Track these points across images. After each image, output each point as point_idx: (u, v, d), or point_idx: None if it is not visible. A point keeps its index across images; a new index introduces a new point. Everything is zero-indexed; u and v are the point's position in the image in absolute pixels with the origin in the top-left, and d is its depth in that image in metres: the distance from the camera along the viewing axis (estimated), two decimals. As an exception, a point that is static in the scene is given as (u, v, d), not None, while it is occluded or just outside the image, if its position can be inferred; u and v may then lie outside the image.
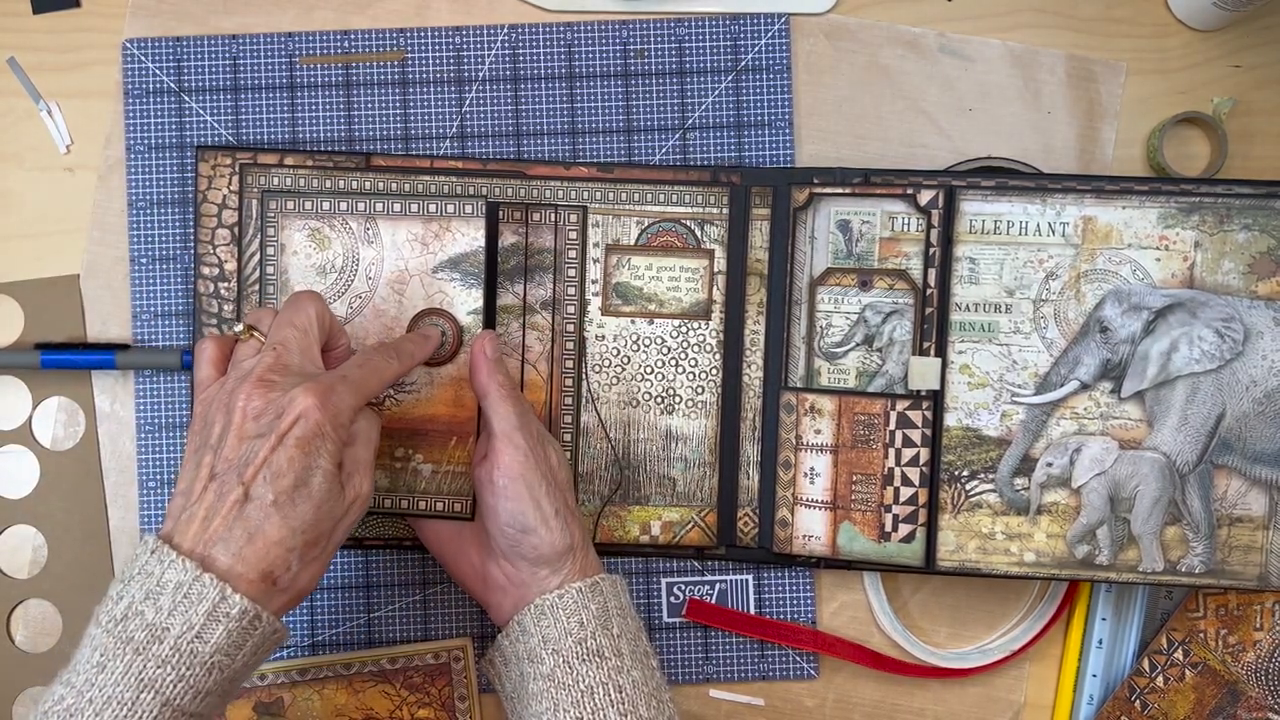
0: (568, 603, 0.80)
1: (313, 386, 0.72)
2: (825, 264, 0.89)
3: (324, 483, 0.72)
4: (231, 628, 0.68)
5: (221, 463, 0.71)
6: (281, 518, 0.70)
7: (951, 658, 0.94)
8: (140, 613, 0.68)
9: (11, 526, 0.93)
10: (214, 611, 0.68)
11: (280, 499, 0.70)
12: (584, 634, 0.79)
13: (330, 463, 0.72)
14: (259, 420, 0.71)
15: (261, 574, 0.69)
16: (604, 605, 0.81)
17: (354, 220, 0.88)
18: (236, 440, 0.71)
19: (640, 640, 0.82)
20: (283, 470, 0.70)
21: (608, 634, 0.80)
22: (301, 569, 0.71)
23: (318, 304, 0.78)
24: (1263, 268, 0.86)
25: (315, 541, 0.72)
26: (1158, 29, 0.96)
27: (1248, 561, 0.87)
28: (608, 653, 0.79)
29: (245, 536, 0.69)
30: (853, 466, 0.88)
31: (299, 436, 0.71)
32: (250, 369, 0.74)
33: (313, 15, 0.94)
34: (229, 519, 0.70)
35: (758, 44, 0.94)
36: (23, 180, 0.93)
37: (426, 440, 0.87)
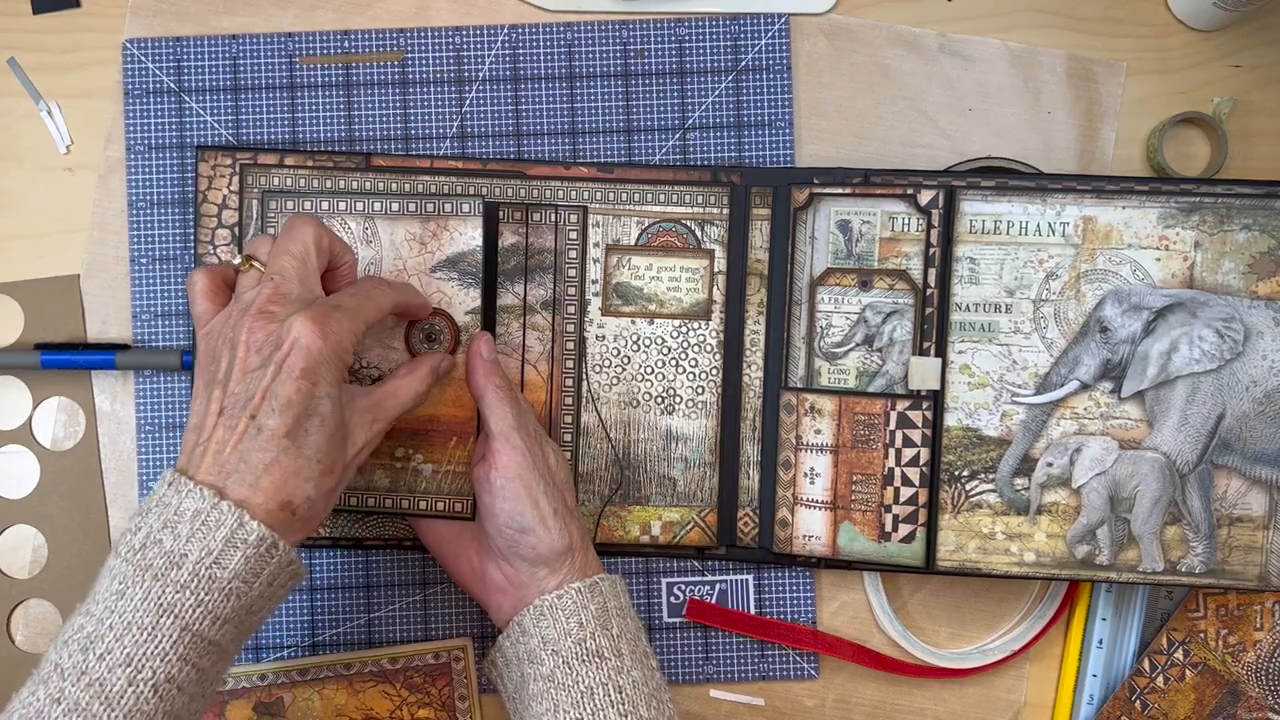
0: (566, 603, 0.80)
1: (309, 314, 0.72)
2: (825, 264, 0.89)
3: (332, 410, 0.72)
4: (249, 554, 0.69)
5: (229, 397, 0.71)
6: (296, 447, 0.70)
7: (951, 658, 0.94)
8: (159, 540, 0.69)
9: (11, 526, 0.93)
10: (231, 538, 0.68)
11: (293, 429, 0.70)
12: (583, 634, 0.79)
13: (335, 390, 0.72)
14: (260, 352, 0.71)
15: (280, 504, 0.70)
16: (603, 605, 0.81)
17: (353, 220, 0.88)
18: (241, 374, 0.71)
19: (640, 640, 0.82)
20: (291, 400, 0.70)
21: (607, 634, 0.80)
22: (319, 497, 0.72)
23: (315, 228, 0.77)
24: (1263, 268, 0.86)
25: (331, 469, 0.73)
26: (1158, 29, 0.96)
27: (1248, 561, 0.87)
28: (607, 653, 0.79)
29: (261, 467, 0.70)
30: (853, 466, 0.88)
31: (301, 366, 0.71)
32: (250, 301, 0.74)
33: (313, 15, 0.94)
34: (241, 451, 0.70)
35: (758, 44, 0.94)
36: (23, 180, 0.93)
37: (427, 440, 0.86)
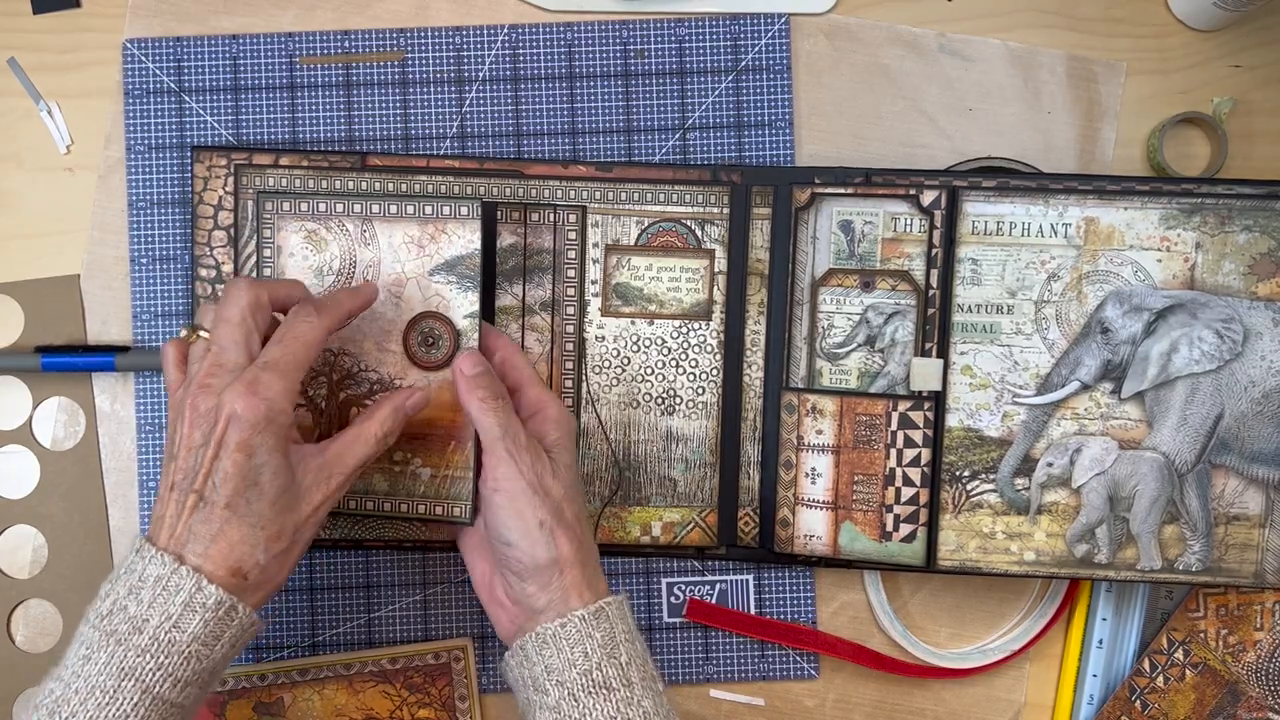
0: (570, 632, 0.77)
1: (239, 385, 0.73)
2: (827, 264, 0.89)
3: (273, 479, 0.74)
4: (208, 618, 0.71)
5: (177, 473, 0.74)
6: (239, 517, 0.73)
7: (951, 658, 0.94)
8: (124, 607, 0.71)
9: (11, 526, 0.93)
10: (190, 602, 0.71)
11: (233, 500, 0.73)
12: (589, 665, 0.76)
13: (275, 456, 0.74)
14: (200, 428, 0.74)
15: (230, 570, 0.73)
16: (610, 632, 0.78)
17: (350, 222, 0.87)
18: (185, 450, 0.74)
19: (648, 664, 0.79)
20: (229, 474, 0.72)
21: (615, 663, 0.77)
22: (270, 562, 0.74)
23: (249, 290, 0.77)
24: (1263, 269, 0.86)
25: (279, 534, 0.74)
26: (1158, 29, 0.96)
27: (1244, 559, 0.87)
28: (615, 683, 0.76)
29: (209, 537, 0.73)
30: (854, 467, 0.88)
31: (236, 440, 0.73)
32: (194, 374, 0.76)
33: (313, 15, 0.94)
34: (190, 524, 0.73)
35: (758, 44, 0.94)
36: (23, 180, 0.93)
37: (425, 445, 0.86)
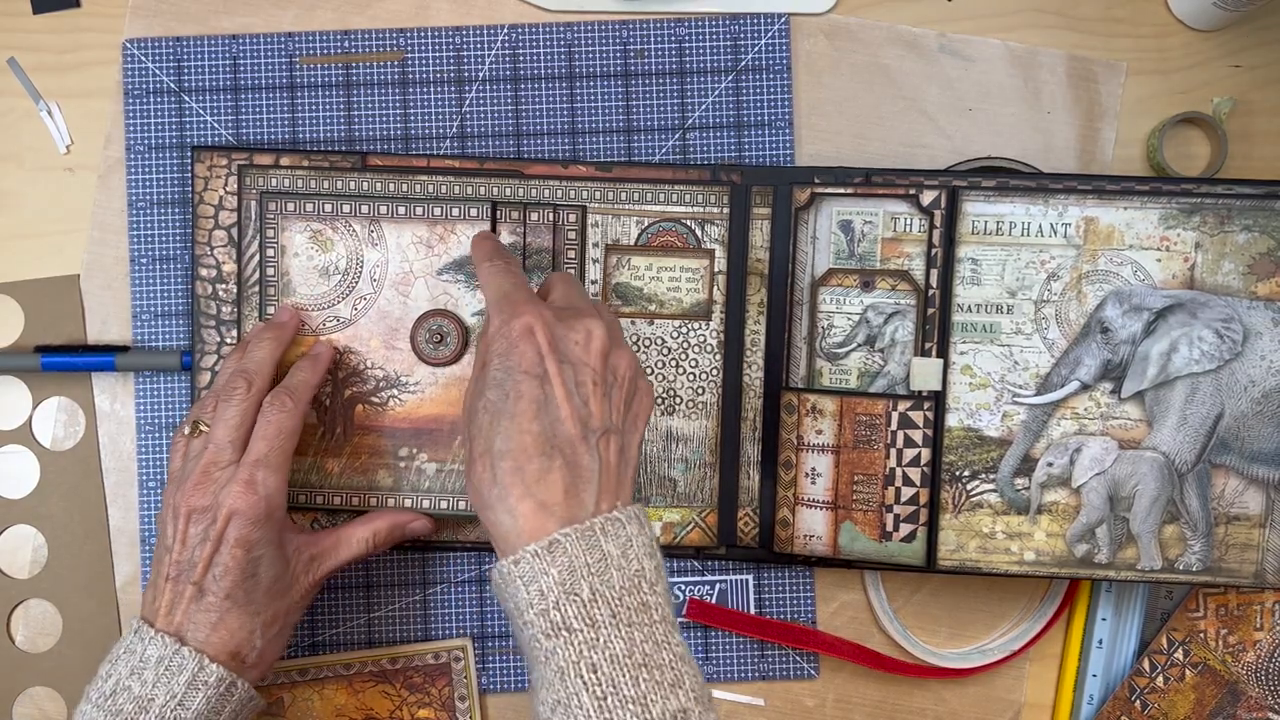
0: (524, 569, 0.69)
1: (236, 485, 0.78)
2: (827, 264, 0.89)
3: (269, 569, 0.79)
4: (210, 694, 0.75)
5: (174, 565, 0.78)
6: (237, 608, 0.78)
7: (951, 658, 0.94)
8: (128, 687, 0.75)
9: (11, 526, 0.93)
10: (194, 680, 0.75)
11: (232, 592, 0.78)
12: (545, 605, 0.68)
13: (272, 548, 0.79)
14: (198, 525, 0.78)
15: (230, 654, 0.78)
16: (570, 566, 0.68)
17: (357, 223, 0.88)
18: (182, 545, 0.78)
19: (633, 595, 0.69)
20: (228, 568, 0.77)
21: (576, 601, 0.68)
22: (265, 645, 0.80)
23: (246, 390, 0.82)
24: (1262, 268, 0.86)
25: (273, 620, 0.80)
26: (1158, 29, 0.96)
27: (1244, 559, 0.87)
28: (577, 624, 0.68)
29: (209, 625, 0.77)
30: (854, 466, 0.88)
31: (235, 536, 0.78)
32: (189, 471, 0.80)
33: (313, 15, 0.94)
34: (190, 613, 0.78)
35: (758, 44, 0.94)
36: (23, 180, 0.93)
37: (431, 439, 0.87)
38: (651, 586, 0.70)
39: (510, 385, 0.73)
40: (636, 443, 0.77)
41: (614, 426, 0.74)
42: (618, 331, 0.78)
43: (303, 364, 0.86)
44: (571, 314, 0.76)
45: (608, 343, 0.75)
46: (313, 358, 0.87)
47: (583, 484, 0.72)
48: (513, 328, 0.73)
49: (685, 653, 0.69)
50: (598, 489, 0.72)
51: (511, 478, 0.71)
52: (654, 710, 0.66)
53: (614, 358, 0.75)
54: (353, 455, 0.89)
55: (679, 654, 0.69)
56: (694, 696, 0.67)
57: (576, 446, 0.72)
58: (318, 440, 0.89)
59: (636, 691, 0.66)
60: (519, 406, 0.72)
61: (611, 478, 0.73)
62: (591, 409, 0.73)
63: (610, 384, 0.75)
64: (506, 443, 0.72)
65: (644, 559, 0.71)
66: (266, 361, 0.84)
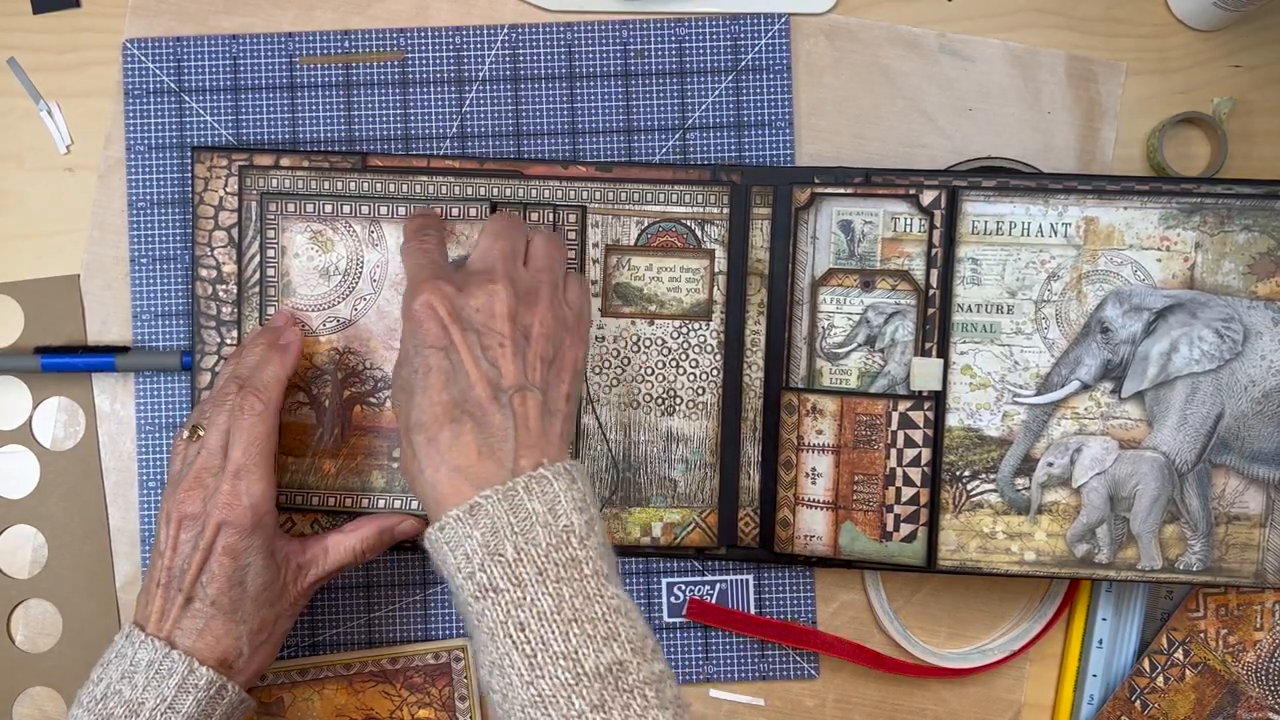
0: (449, 534, 0.69)
1: (222, 495, 0.79)
2: (827, 264, 0.89)
3: (257, 577, 0.80)
4: (200, 697, 0.76)
5: (165, 572, 0.79)
6: (224, 615, 0.79)
7: (951, 658, 0.94)
8: (118, 691, 0.76)
9: (11, 526, 0.93)
10: (184, 684, 0.76)
11: (219, 599, 0.78)
12: (471, 568, 0.68)
13: (260, 556, 0.80)
14: (188, 533, 0.79)
15: (218, 660, 0.78)
16: (492, 527, 0.68)
17: (357, 223, 0.88)
18: (173, 552, 0.79)
19: (561, 551, 0.69)
20: (215, 575, 0.78)
21: (500, 561, 0.68)
22: (252, 652, 0.80)
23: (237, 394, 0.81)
24: (1262, 268, 0.87)
25: (260, 628, 0.81)
26: (1158, 29, 0.96)
27: (1244, 559, 0.87)
28: (503, 584, 0.67)
29: (196, 631, 0.78)
30: (854, 467, 0.88)
31: (224, 545, 0.78)
32: (180, 477, 0.80)
33: (313, 15, 0.94)
34: (178, 618, 0.78)
35: (758, 44, 0.94)
36: (23, 180, 0.93)
37: None
38: (582, 541, 0.69)
39: (419, 361, 0.74)
40: (564, 394, 0.77)
41: (529, 384, 0.74)
42: (538, 288, 0.78)
43: (270, 356, 0.84)
44: (477, 280, 0.76)
45: (513, 303, 0.75)
46: (280, 349, 0.85)
47: (497, 443, 0.72)
48: (415, 306, 0.75)
49: (622, 605, 0.69)
50: (515, 446, 0.72)
51: (427, 449, 0.72)
52: (587, 664, 0.66)
53: (524, 316, 0.76)
54: (349, 456, 0.89)
55: (613, 606, 0.68)
56: (631, 648, 0.67)
57: (486, 407, 0.72)
58: (315, 441, 0.89)
59: (567, 647, 0.66)
60: (429, 380, 0.73)
61: (532, 434, 0.72)
62: (501, 369, 0.74)
63: (521, 343, 0.75)
64: (420, 415, 0.73)
65: (573, 514, 0.70)
66: (258, 367, 0.83)
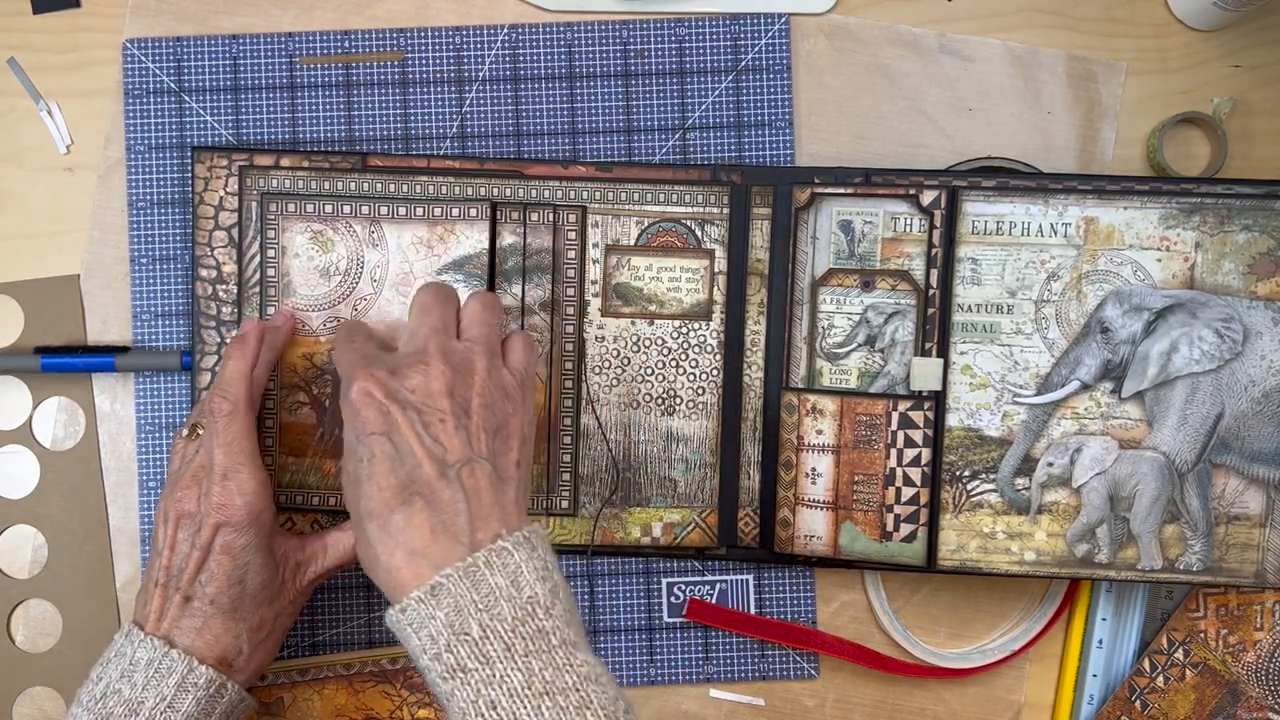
0: (411, 616, 0.68)
1: (215, 495, 0.79)
2: (827, 264, 0.89)
3: (256, 575, 0.80)
4: (200, 696, 0.76)
5: (163, 571, 0.79)
6: (223, 614, 0.79)
7: (951, 658, 0.94)
8: (118, 690, 0.76)
9: (11, 526, 0.93)
10: (183, 683, 0.76)
11: (218, 598, 0.79)
12: (437, 649, 0.67)
13: (258, 554, 0.80)
14: (186, 531, 0.79)
15: (217, 659, 0.78)
16: (456, 606, 0.67)
17: (358, 223, 0.88)
18: (171, 551, 0.79)
19: (527, 624, 0.68)
20: (214, 574, 0.79)
21: (466, 641, 0.67)
22: (252, 651, 0.80)
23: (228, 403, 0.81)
24: (1262, 268, 0.87)
25: (259, 626, 0.81)
26: (1158, 29, 0.96)
27: (1244, 559, 0.87)
28: (470, 663, 0.67)
29: (195, 630, 0.78)
30: (854, 467, 0.88)
31: (221, 544, 0.79)
32: (177, 476, 0.81)
33: (313, 15, 0.94)
34: (177, 617, 0.78)
35: (758, 44, 0.94)
36: (23, 180, 0.93)
37: None
38: (547, 611, 0.68)
39: (363, 449, 0.73)
40: (513, 461, 0.76)
41: (475, 455, 0.73)
42: (472, 359, 0.77)
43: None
44: (409, 361, 0.76)
45: (449, 378, 0.75)
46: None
47: (450, 519, 0.70)
48: (352, 396, 0.74)
49: (592, 671, 0.68)
50: (469, 520, 0.71)
51: (380, 536, 0.71)
52: None
53: (462, 390, 0.75)
54: None
55: (584, 674, 0.67)
56: (604, 714, 0.66)
57: (434, 485, 0.71)
58: (316, 441, 0.89)
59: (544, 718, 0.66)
60: (374, 466, 0.72)
61: (485, 505, 0.71)
62: (445, 444, 0.72)
63: (461, 417, 0.74)
64: (369, 504, 0.72)
65: (536, 585, 0.69)
66: (237, 378, 0.83)
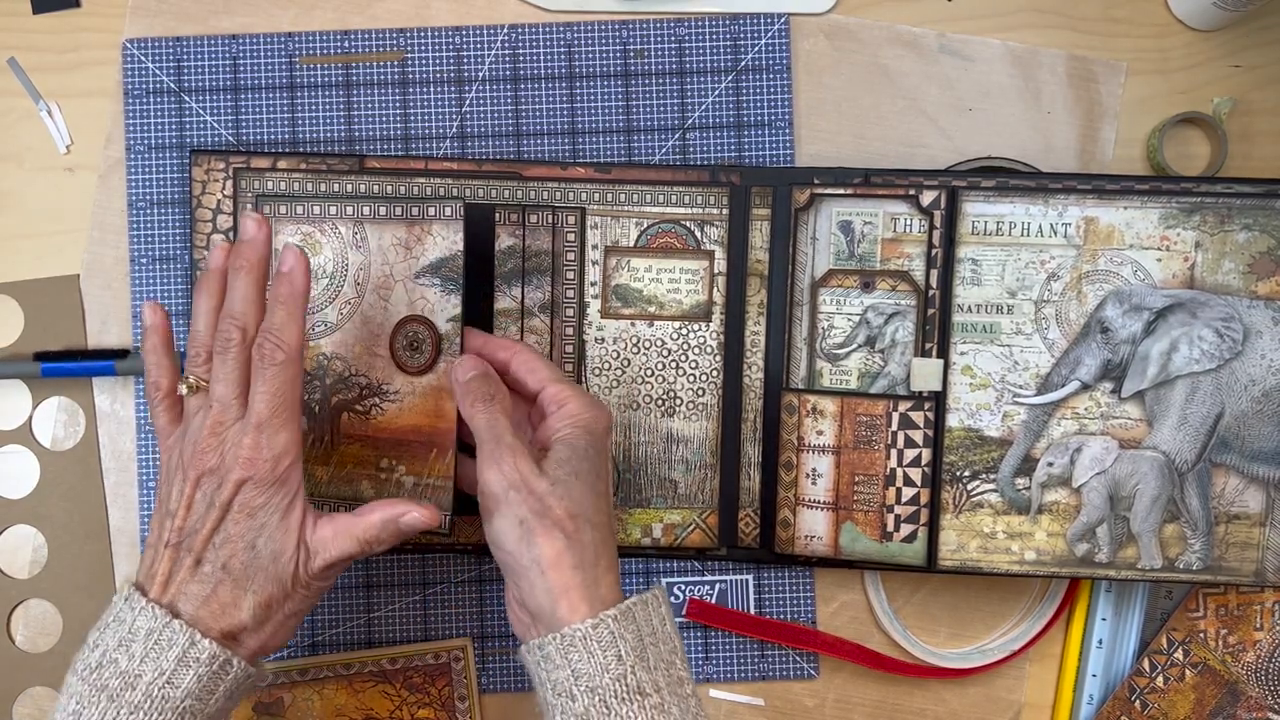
0: (603, 634, 0.72)
1: (243, 450, 0.74)
2: (827, 265, 0.89)
3: (269, 543, 0.75)
4: (201, 672, 0.71)
5: (175, 532, 0.75)
6: (232, 580, 0.74)
7: (951, 658, 0.94)
8: (114, 660, 0.71)
9: (11, 526, 0.93)
10: (184, 657, 0.71)
11: (230, 562, 0.74)
12: (623, 669, 0.72)
13: (276, 516, 0.75)
14: (204, 491, 0.75)
15: (221, 632, 0.73)
16: (639, 634, 0.74)
17: (343, 224, 0.87)
18: (185, 511, 0.75)
19: (674, 667, 0.75)
20: (229, 537, 0.74)
21: (645, 666, 0.73)
22: (258, 627, 0.75)
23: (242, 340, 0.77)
24: (1262, 267, 0.87)
25: (267, 603, 0.75)
26: (1158, 29, 0.96)
27: (1244, 558, 0.87)
28: (649, 689, 0.72)
29: (201, 598, 0.74)
30: (855, 467, 0.88)
31: (241, 502, 0.74)
32: (194, 431, 0.76)
33: (313, 15, 0.94)
34: (184, 582, 0.74)
35: (758, 44, 0.94)
36: (23, 180, 0.93)
37: (409, 451, 0.86)
38: (683, 660, 0.76)
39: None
40: None
41: None
42: None
43: (279, 291, 0.78)
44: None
45: None
46: (287, 278, 0.78)
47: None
48: None
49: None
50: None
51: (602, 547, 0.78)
52: None
53: None
54: (339, 464, 0.88)
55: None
56: None
57: None
58: (307, 447, 0.88)
59: None
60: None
61: None
62: None
63: None
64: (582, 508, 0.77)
65: (674, 635, 0.76)
66: (253, 299, 0.78)
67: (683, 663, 0.75)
